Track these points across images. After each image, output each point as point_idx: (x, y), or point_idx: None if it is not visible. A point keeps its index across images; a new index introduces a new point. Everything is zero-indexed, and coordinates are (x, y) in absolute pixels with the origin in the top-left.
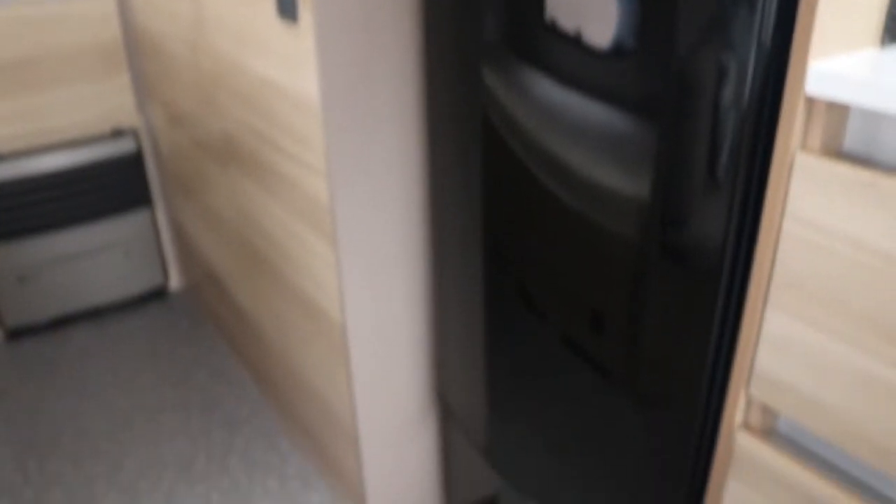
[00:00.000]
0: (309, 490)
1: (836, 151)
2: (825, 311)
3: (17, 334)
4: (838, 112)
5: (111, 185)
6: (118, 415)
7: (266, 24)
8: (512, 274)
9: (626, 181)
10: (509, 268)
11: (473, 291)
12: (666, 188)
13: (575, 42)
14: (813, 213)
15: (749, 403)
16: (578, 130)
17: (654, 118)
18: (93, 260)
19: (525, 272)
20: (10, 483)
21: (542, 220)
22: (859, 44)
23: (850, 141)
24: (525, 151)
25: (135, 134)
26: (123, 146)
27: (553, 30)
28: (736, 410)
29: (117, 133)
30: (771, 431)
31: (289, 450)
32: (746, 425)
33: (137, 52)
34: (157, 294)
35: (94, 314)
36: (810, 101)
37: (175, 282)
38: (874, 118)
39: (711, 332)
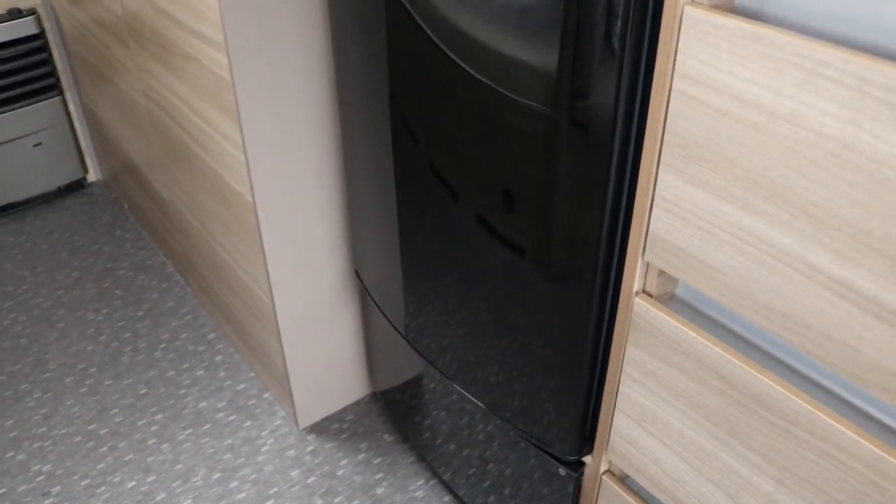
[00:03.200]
0: (236, 378)
1: (727, 6)
2: (713, 171)
3: None
4: None
5: (14, 72)
6: (39, 312)
7: None
8: (421, 151)
9: (533, 52)
10: (418, 145)
11: (383, 170)
12: (573, 57)
13: None
14: (701, 69)
15: (647, 270)
16: (485, 1)
17: None
18: (3, 154)
19: (435, 149)
20: None
21: (449, 94)
22: None
23: None
24: (429, 23)
25: (35, 14)
26: (23, 28)
27: None
28: (634, 278)
29: (14, 13)
30: (669, 297)
31: (216, 339)
32: (645, 292)
33: None
34: (75, 187)
35: (10, 211)
36: None
37: (94, 174)
38: None
39: (607, 201)
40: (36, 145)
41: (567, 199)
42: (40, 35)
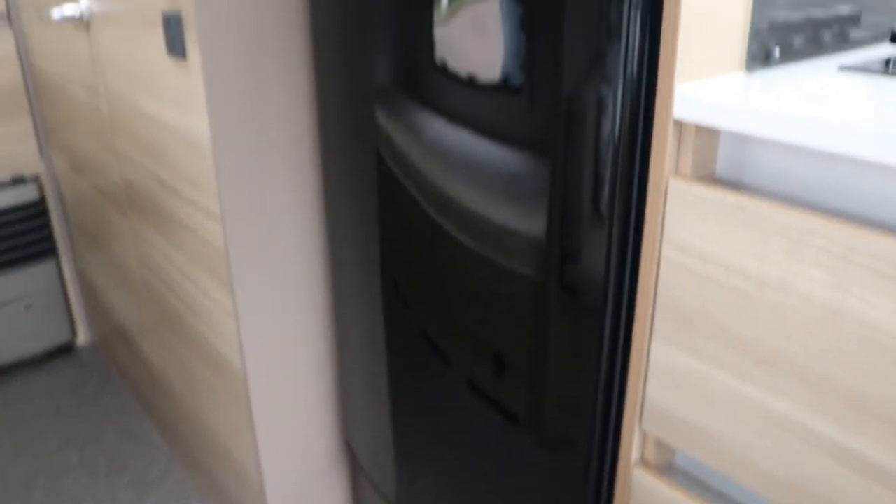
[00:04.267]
0: None
1: (709, 177)
2: (705, 339)
3: None
4: (708, 137)
5: (12, 236)
6: (16, 481)
7: (157, 62)
8: (412, 316)
9: (521, 218)
10: (409, 310)
11: (374, 335)
12: (561, 223)
13: (464, 81)
14: (688, 238)
15: (644, 439)
16: (473, 169)
17: (545, 153)
18: None
19: (426, 314)
20: None
21: (439, 260)
22: (725, 69)
23: (722, 166)
24: (420, 191)
25: (37, 181)
26: (24, 194)
27: (443, 69)
28: (631, 447)
29: (18, 180)
30: (669, 467)
31: None
32: (644, 462)
33: (38, 97)
34: (64, 350)
35: None
36: (680, 126)
37: (83, 337)
38: (742, 142)
39: (601, 368)
40: (27, 308)
41: (560, 366)
42: (41, 201)
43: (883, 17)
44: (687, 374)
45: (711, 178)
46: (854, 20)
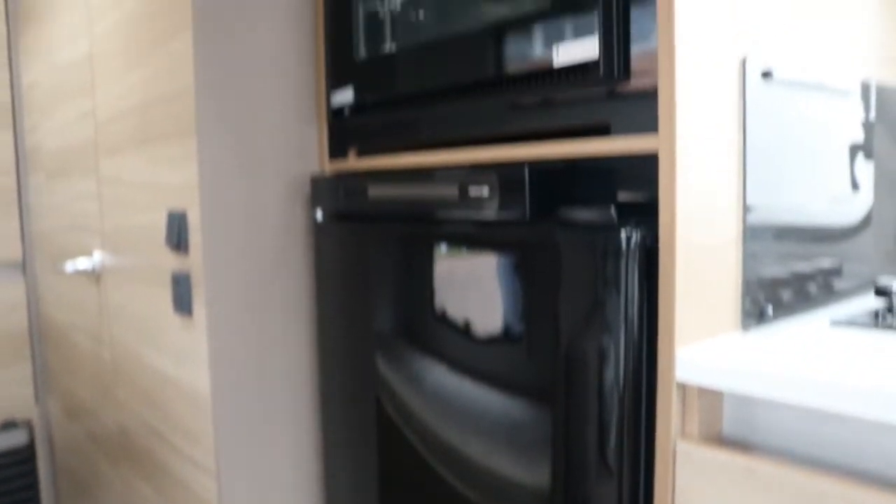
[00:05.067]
0: None
1: (716, 436)
2: None
3: None
4: (712, 398)
5: None
6: None
7: (163, 318)
8: None
9: (523, 467)
10: None
11: None
12: (565, 474)
13: (464, 331)
14: (701, 501)
15: None
16: (474, 418)
17: (547, 403)
18: None
19: None
20: None
21: None
22: (722, 328)
23: (729, 424)
24: (420, 439)
25: (28, 426)
26: (13, 439)
27: (443, 320)
28: None
29: (9, 425)
30: None
31: None
32: None
33: (42, 342)
34: None
35: None
36: (683, 388)
37: None
38: (746, 402)
39: None
40: None
41: None
42: (29, 446)
43: (862, 266)
44: None
45: (718, 438)
46: (836, 272)
